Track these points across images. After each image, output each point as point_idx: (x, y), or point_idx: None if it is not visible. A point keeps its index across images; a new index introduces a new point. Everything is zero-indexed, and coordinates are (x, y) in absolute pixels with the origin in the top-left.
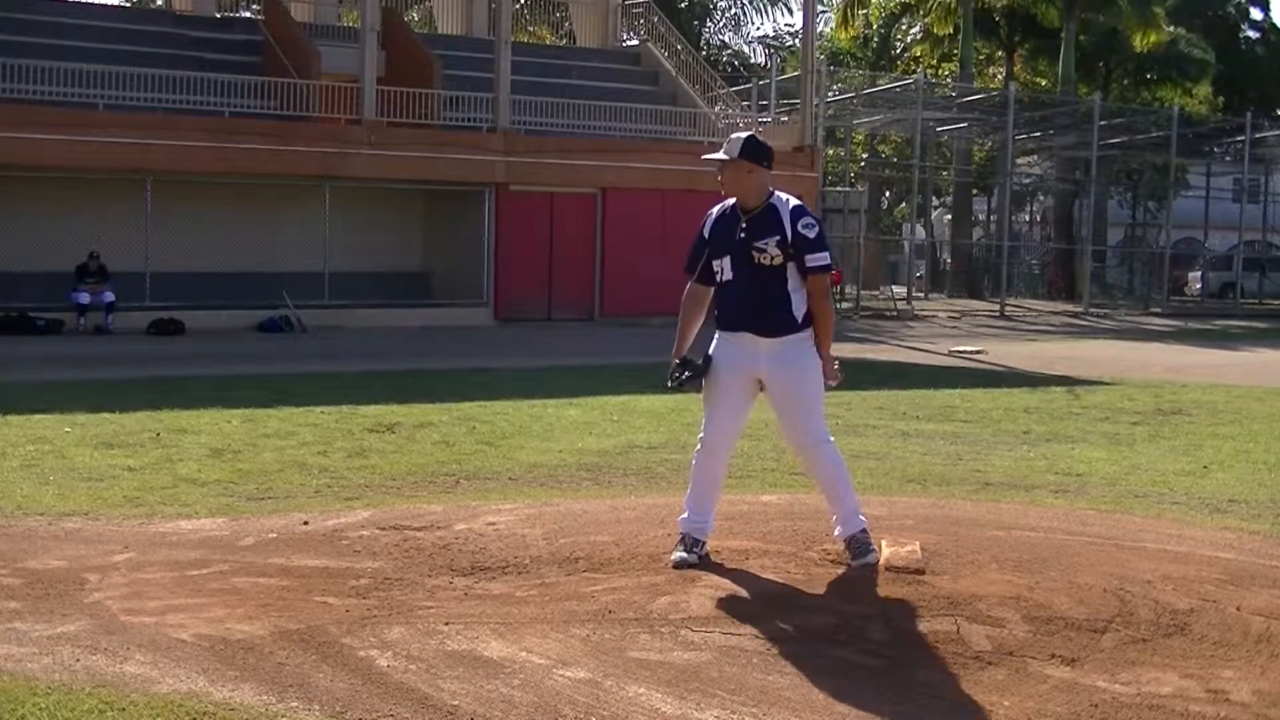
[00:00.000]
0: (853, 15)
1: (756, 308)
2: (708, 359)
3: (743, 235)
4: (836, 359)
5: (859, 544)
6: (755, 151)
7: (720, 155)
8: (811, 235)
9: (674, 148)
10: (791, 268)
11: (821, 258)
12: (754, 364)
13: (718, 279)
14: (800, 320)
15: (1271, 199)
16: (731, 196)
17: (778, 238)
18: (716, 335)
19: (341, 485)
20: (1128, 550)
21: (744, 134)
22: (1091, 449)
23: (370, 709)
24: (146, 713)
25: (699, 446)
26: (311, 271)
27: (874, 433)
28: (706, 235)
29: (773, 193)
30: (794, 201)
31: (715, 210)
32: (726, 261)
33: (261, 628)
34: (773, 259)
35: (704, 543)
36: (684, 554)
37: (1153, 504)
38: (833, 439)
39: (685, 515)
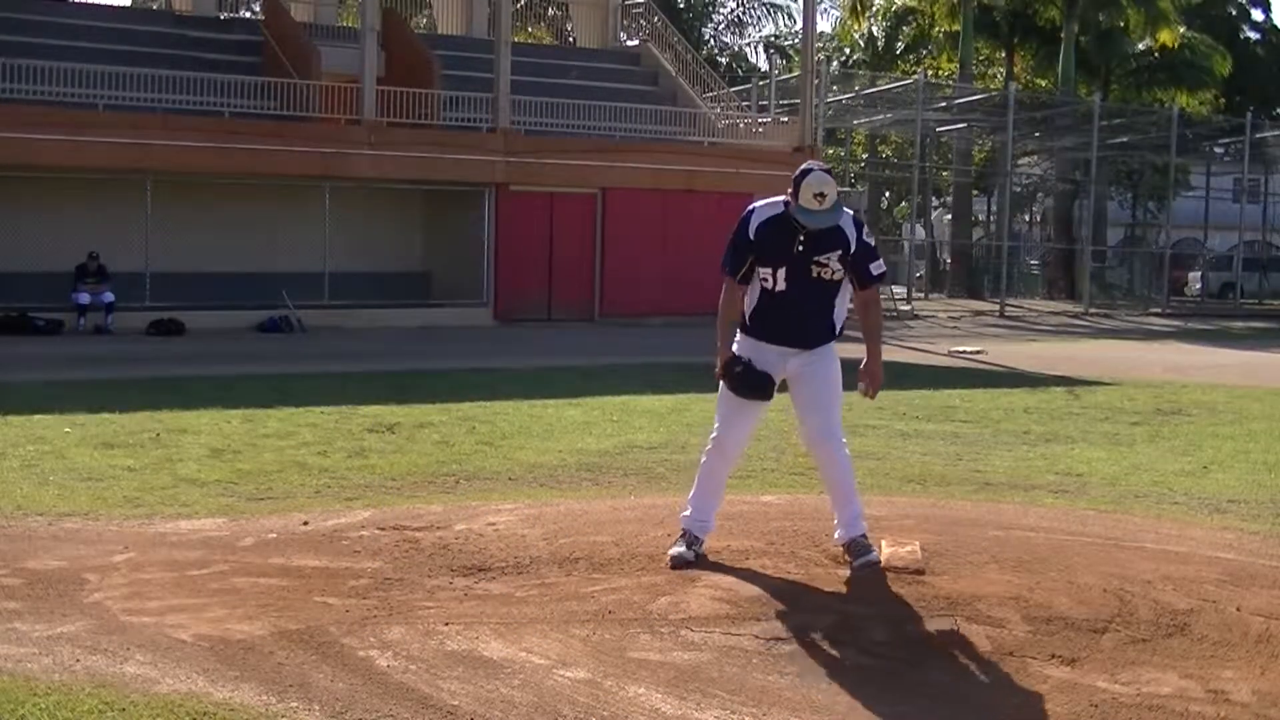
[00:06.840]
0: (861, 10)
1: (808, 323)
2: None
3: (801, 249)
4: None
5: (859, 546)
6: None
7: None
8: (872, 243)
9: (674, 148)
10: (846, 280)
11: (880, 265)
12: (781, 367)
13: (765, 286)
14: (835, 330)
15: (1271, 199)
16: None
17: (840, 251)
18: (742, 339)
19: (341, 485)
20: (1128, 550)
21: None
22: (1091, 449)
23: (370, 709)
24: (146, 713)
25: (710, 446)
26: (311, 271)
27: (874, 433)
28: (752, 237)
29: None
30: (849, 211)
31: (760, 209)
32: (780, 273)
33: (261, 628)
34: (833, 273)
35: (703, 540)
36: (683, 550)
37: (1153, 504)
38: (845, 441)
39: (688, 513)
